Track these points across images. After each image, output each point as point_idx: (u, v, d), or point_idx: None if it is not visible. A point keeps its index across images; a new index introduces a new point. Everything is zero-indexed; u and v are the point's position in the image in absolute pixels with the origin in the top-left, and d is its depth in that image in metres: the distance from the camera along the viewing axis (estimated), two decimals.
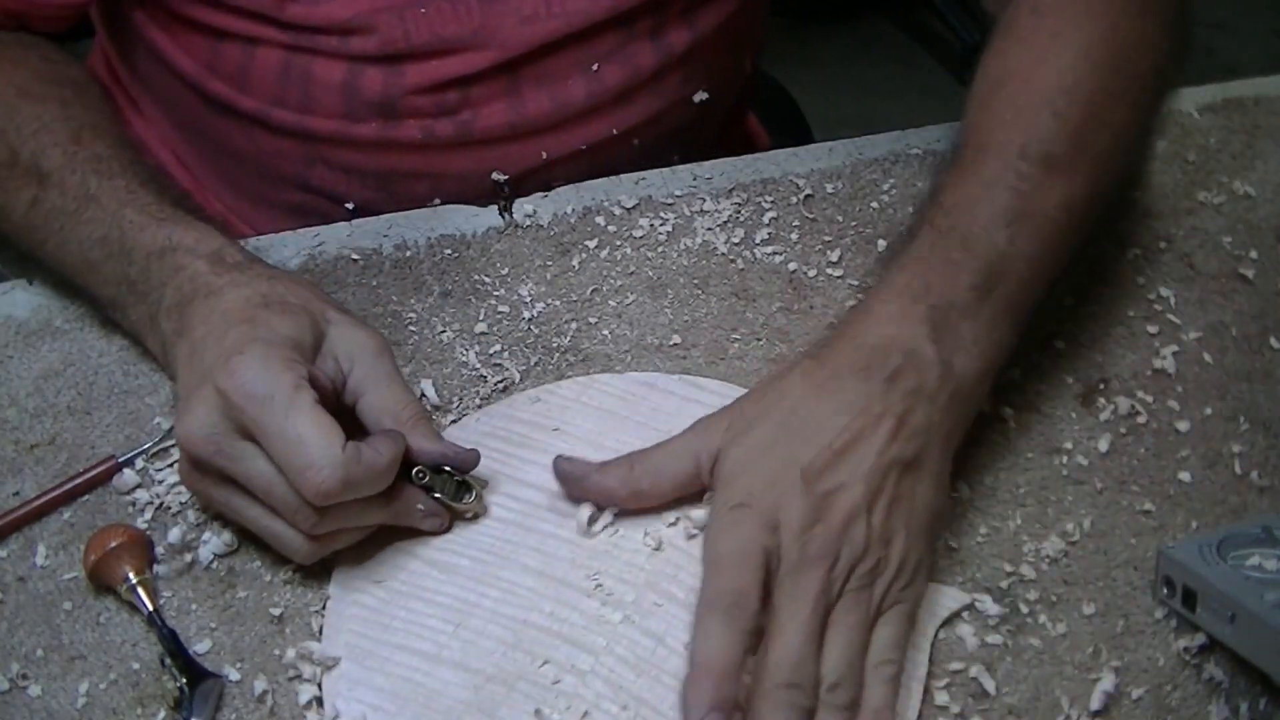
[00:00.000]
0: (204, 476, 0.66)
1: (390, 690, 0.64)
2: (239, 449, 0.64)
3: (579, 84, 0.90)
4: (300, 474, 0.62)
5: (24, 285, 0.81)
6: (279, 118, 0.89)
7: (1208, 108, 0.98)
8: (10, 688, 0.64)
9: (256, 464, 0.64)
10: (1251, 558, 0.69)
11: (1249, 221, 0.91)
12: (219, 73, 0.89)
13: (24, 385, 0.76)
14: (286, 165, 0.92)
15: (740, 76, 1.03)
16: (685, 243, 0.86)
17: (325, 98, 0.88)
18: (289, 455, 0.62)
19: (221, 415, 0.64)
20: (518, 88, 0.89)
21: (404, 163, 0.91)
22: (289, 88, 0.88)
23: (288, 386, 0.63)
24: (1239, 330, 0.84)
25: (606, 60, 0.90)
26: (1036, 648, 0.69)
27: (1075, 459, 0.76)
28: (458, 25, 0.86)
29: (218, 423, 0.64)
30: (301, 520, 0.64)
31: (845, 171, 0.91)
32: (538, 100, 0.90)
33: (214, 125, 0.92)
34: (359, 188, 0.92)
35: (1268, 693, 0.68)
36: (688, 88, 0.95)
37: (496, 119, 0.89)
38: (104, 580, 0.67)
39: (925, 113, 0.96)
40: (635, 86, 0.92)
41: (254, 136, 0.91)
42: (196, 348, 0.67)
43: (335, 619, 0.67)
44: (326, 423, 0.63)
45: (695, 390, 0.77)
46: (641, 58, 0.91)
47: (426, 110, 0.89)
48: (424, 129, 0.89)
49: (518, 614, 0.67)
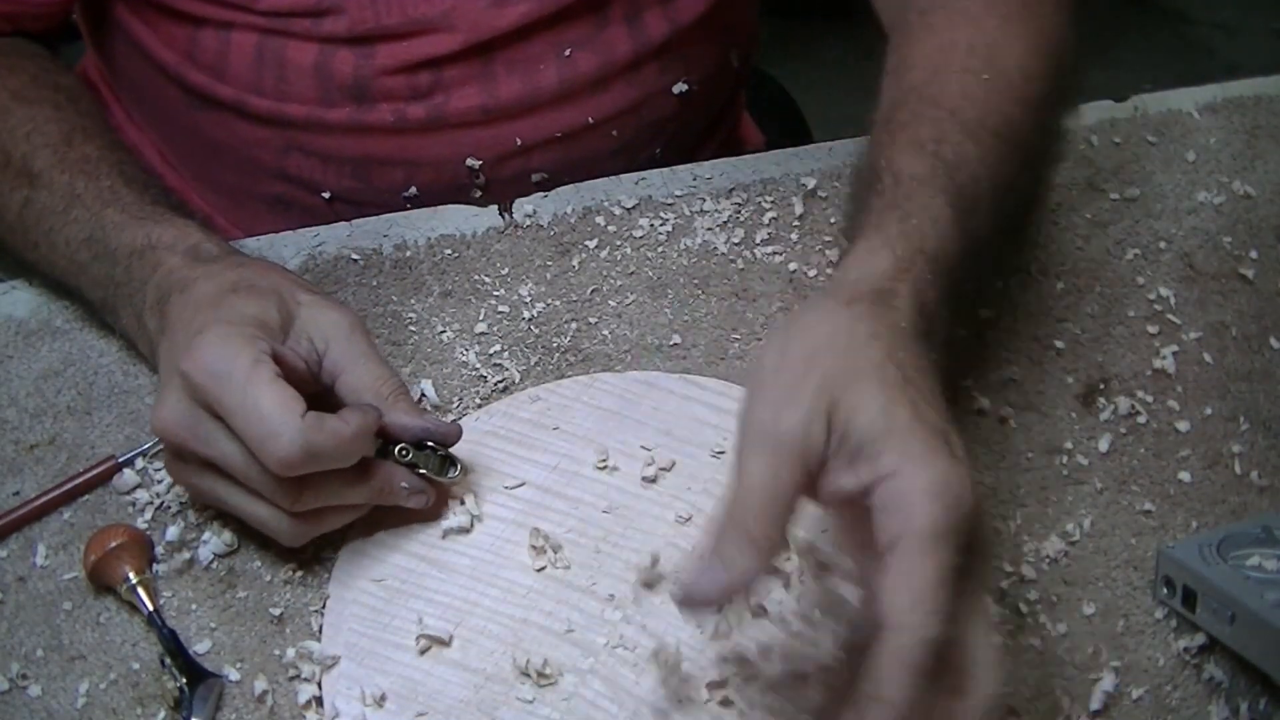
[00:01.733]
0: (185, 466, 0.66)
1: (390, 689, 0.64)
2: (208, 430, 0.64)
3: (551, 69, 0.90)
4: (261, 444, 0.62)
5: (24, 285, 0.81)
6: (255, 105, 0.90)
7: (1208, 108, 0.98)
8: (10, 688, 0.64)
9: (227, 444, 0.64)
10: (1251, 558, 0.69)
11: (1249, 221, 0.91)
12: (198, 62, 0.89)
13: (24, 385, 0.76)
14: (264, 155, 0.92)
15: (728, 72, 1.02)
16: (685, 243, 0.86)
17: (299, 82, 0.88)
18: (250, 428, 0.62)
19: (189, 399, 0.64)
20: (490, 71, 0.89)
21: (378, 148, 0.91)
22: (264, 73, 0.88)
23: (246, 361, 0.63)
24: (1239, 330, 0.84)
25: (580, 46, 0.90)
26: (1037, 648, 0.69)
27: (1075, 459, 0.76)
28: (428, 6, 0.86)
29: (186, 407, 0.64)
30: (280, 498, 0.64)
31: (845, 171, 0.91)
32: (510, 84, 0.90)
33: (194, 119, 0.93)
34: (335, 176, 0.93)
35: (1268, 693, 0.68)
36: (666, 78, 0.95)
37: (469, 102, 0.90)
38: (104, 580, 0.67)
39: None
40: (610, 74, 0.92)
41: (232, 127, 0.92)
42: (171, 340, 0.68)
43: (335, 618, 0.67)
44: (286, 394, 0.63)
45: (696, 389, 0.77)
46: (616, 44, 0.91)
47: (398, 93, 0.89)
48: (396, 112, 0.89)
49: (517, 613, 0.67)
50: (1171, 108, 0.97)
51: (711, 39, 0.97)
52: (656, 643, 0.65)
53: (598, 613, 0.67)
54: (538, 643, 0.66)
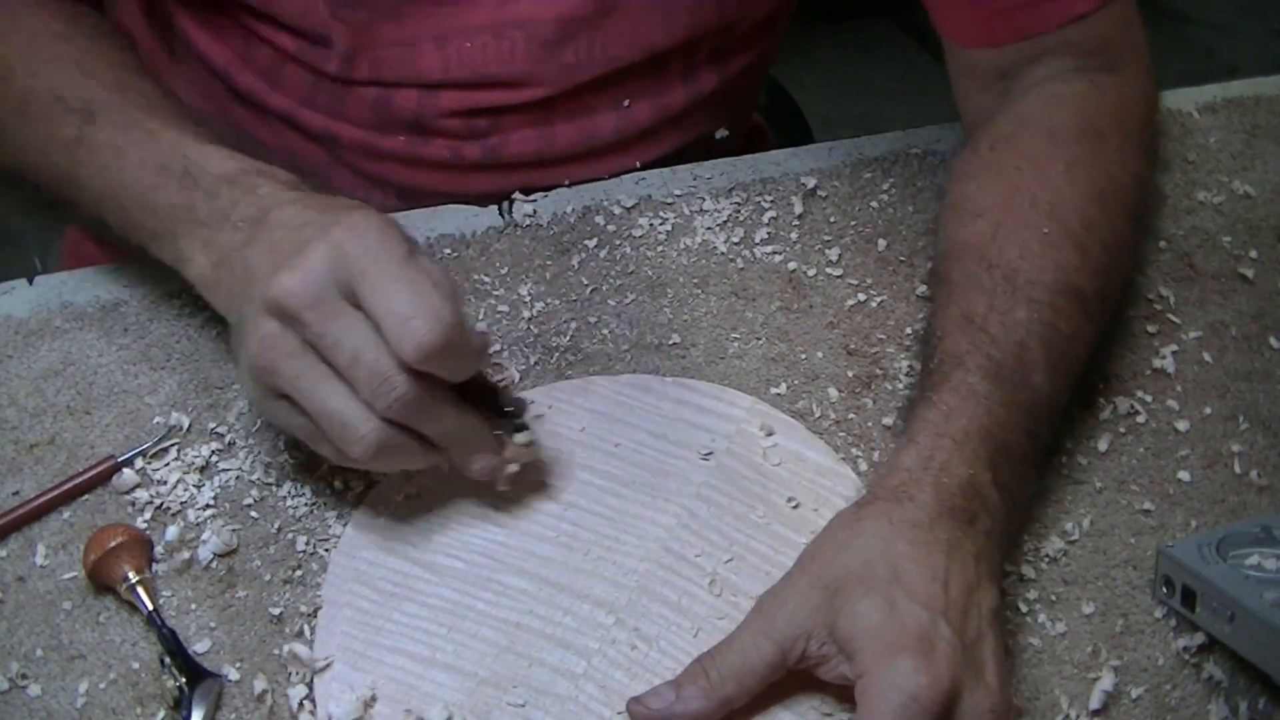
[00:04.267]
0: (280, 343, 0.63)
1: (382, 692, 0.64)
2: (338, 306, 0.62)
3: (608, 119, 0.91)
4: (406, 322, 0.60)
5: (24, 285, 0.81)
6: (307, 119, 0.89)
7: (1208, 108, 0.98)
8: (10, 687, 0.64)
9: (353, 323, 0.62)
10: (1251, 557, 0.69)
11: (1249, 221, 0.91)
12: (251, 65, 0.89)
13: (23, 385, 0.76)
14: (310, 164, 0.92)
15: (753, 109, 1.05)
16: (685, 242, 0.86)
17: (356, 108, 0.88)
18: (398, 301, 0.61)
19: (329, 269, 0.62)
20: (550, 119, 0.89)
21: (429, 180, 0.91)
22: (319, 93, 0.88)
23: (403, 246, 0.63)
24: (1239, 330, 0.84)
25: (638, 98, 0.91)
26: (1036, 647, 0.69)
27: (1075, 458, 0.76)
28: (499, 66, 0.86)
29: (324, 275, 0.62)
30: (381, 394, 0.62)
31: (845, 171, 0.91)
32: (567, 132, 0.90)
33: (240, 116, 0.92)
34: (380, 196, 0.92)
35: (1267, 692, 0.68)
36: (710, 125, 0.96)
37: (525, 147, 0.90)
38: (104, 580, 0.67)
39: (925, 113, 0.96)
40: (663, 124, 0.93)
41: (281, 134, 0.91)
42: (286, 229, 0.65)
43: (328, 621, 0.67)
44: (435, 283, 0.62)
45: (689, 393, 0.77)
46: (672, 97, 0.92)
47: (456, 132, 0.89)
48: (452, 150, 0.89)
49: (511, 617, 0.67)
50: (1171, 108, 0.97)
51: (751, 86, 0.99)
52: (649, 646, 0.65)
53: (590, 616, 0.67)
54: (531, 646, 0.66)
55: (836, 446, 0.76)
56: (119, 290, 0.80)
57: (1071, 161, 0.78)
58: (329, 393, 0.63)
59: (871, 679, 0.60)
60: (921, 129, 0.95)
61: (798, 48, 2.41)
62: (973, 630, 0.62)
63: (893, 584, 0.62)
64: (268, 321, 0.63)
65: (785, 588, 0.64)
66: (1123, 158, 0.80)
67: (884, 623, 0.61)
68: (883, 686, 0.59)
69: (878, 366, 0.80)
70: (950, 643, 0.60)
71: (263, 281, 0.63)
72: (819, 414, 0.77)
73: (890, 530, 0.64)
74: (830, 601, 0.62)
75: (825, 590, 0.63)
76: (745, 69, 0.95)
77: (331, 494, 0.72)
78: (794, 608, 0.63)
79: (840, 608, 0.62)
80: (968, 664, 0.60)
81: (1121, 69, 0.83)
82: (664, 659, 0.65)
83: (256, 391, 0.65)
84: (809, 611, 0.62)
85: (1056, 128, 0.80)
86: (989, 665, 0.62)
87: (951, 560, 0.63)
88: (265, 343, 0.63)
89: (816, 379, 0.79)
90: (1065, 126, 0.80)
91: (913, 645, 0.60)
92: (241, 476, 0.72)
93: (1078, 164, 0.78)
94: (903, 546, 0.63)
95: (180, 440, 0.73)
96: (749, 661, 0.62)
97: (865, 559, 0.63)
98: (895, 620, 0.61)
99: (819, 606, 0.62)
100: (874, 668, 0.60)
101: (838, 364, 0.80)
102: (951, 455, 0.67)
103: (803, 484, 0.73)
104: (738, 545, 0.70)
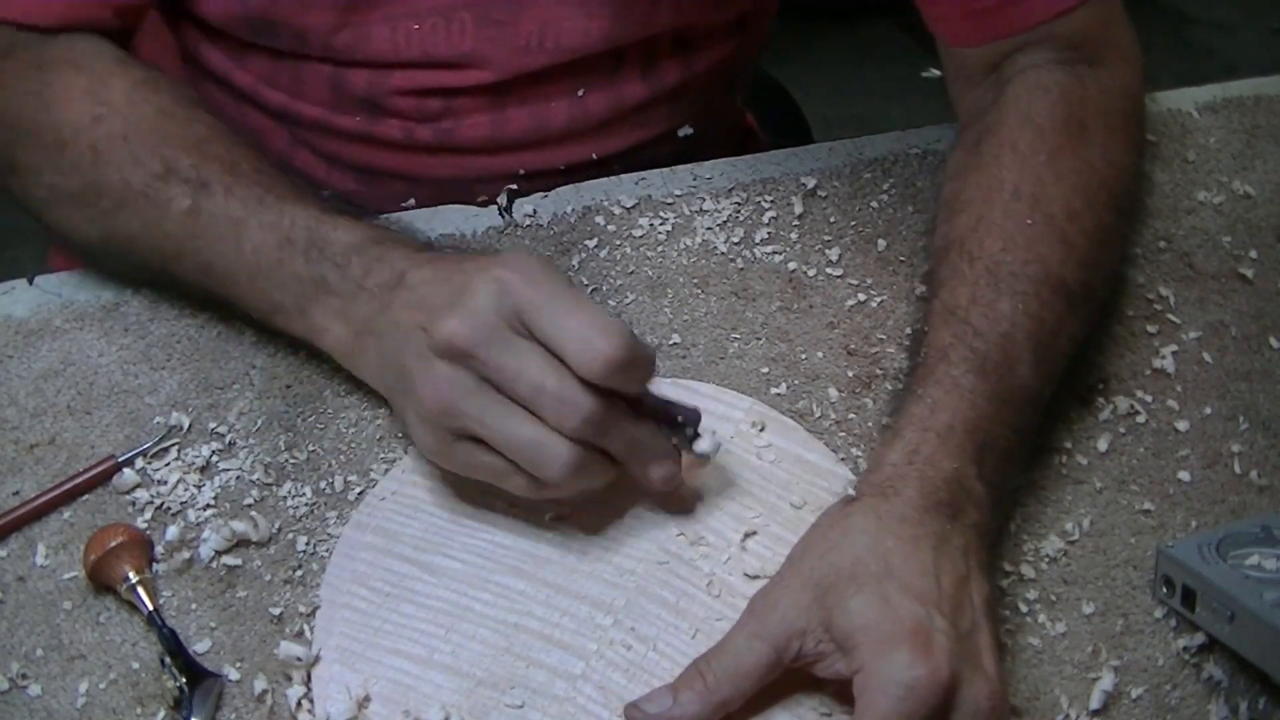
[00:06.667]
0: (457, 383, 0.64)
1: (379, 693, 0.64)
2: (511, 338, 0.63)
3: (562, 107, 0.90)
4: (588, 342, 0.62)
5: (24, 285, 0.81)
6: (269, 97, 0.90)
7: (1208, 108, 0.98)
8: (10, 687, 0.64)
9: (528, 349, 0.63)
10: (1251, 557, 0.69)
11: (1249, 221, 0.91)
12: (218, 44, 0.89)
13: (23, 385, 0.76)
14: (272, 145, 0.93)
15: (730, 112, 1.03)
16: (685, 242, 0.86)
17: (315, 87, 0.89)
18: (576, 323, 0.62)
19: (495, 304, 0.63)
20: (502, 105, 0.89)
21: (384, 160, 0.91)
22: (280, 73, 0.89)
23: (565, 277, 0.64)
24: (1239, 330, 0.84)
25: (592, 89, 0.90)
26: (1036, 647, 0.69)
27: (1075, 458, 0.76)
28: (449, 47, 0.86)
29: (492, 311, 0.63)
30: (569, 415, 0.63)
31: (845, 171, 0.91)
32: (519, 119, 0.90)
33: (207, 94, 0.92)
34: (339, 178, 0.93)
35: (1267, 692, 0.68)
36: (673, 121, 0.96)
37: (477, 132, 0.90)
38: (104, 580, 0.67)
39: (925, 113, 0.96)
40: (619, 116, 0.92)
41: (245, 112, 0.92)
42: (430, 285, 0.67)
43: (325, 622, 0.67)
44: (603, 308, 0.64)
45: (688, 394, 0.76)
46: (629, 89, 0.91)
47: (409, 112, 0.89)
48: (405, 130, 0.90)
49: (509, 618, 0.67)
50: (1171, 108, 0.97)
51: (721, 86, 0.98)
52: (647, 647, 0.66)
53: (589, 617, 0.67)
54: (529, 647, 0.66)
55: (836, 447, 0.76)
56: (119, 290, 0.80)
57: (1054, 152, 0.78)
58: (517, 422, 0.64)
59: (870, 673, 0.60)
60: (921, 129, 0.95)
61: (798, 48, 2.42)
62: (967, 621, 0.62)
63: (885, 579, 0.62)
64: (440, 365, 0.64)
65: (776, 588, 0.64)
66: (1106, 150, 0.80)
67: (879, 617, 0.61)
68: (882, 679, 0.60)
69: (878, 366, 0.80)
70: (946, 634, 0.61)
71: (426, 329, 0.65)
72: (819, 414, 0.77)
73: (878, 526, 0.64)
74: (822, 599, 0.62)
75: (816, 588, 0.63)
76: (713, 66, 0.94)
77: (331, 494, 0.72)
78: (786, 607, 0.63)
79: (834, 605, 0.62)
80: (964, 654, 0.61)
81: (1104, 63, 0.83)
82: (662, 660, 0.65)
83: (434, 439, 0.66)
84: (801, 610, 0.63)
85: (1038, 116, 0.80)
86: (985, 655, 0.62)
87: (940, 554, 0.64)
88: (441, 386, 0.64)
89: (817, 379, 0.79)
90: (1047, 115, 0.80)
91: (909, 638, 0.60)
92: (241, 476, 0.72)
93: (1060, 154, 0.78)
94: (891, 542, 0.64)
95: (180, 440, 0.73)
96: (744, 663, 0.62)
97: (855, 555, 0.63)
98: (890, 614, 0.61)
99: (811, 605, 0.63)
100: (872, 661, 0.60)
101: (838, 364, 0.80)
102: (936, 449, 0.67)
103: (802, 485, 0.73)
104: (736, 546, 0.70)
